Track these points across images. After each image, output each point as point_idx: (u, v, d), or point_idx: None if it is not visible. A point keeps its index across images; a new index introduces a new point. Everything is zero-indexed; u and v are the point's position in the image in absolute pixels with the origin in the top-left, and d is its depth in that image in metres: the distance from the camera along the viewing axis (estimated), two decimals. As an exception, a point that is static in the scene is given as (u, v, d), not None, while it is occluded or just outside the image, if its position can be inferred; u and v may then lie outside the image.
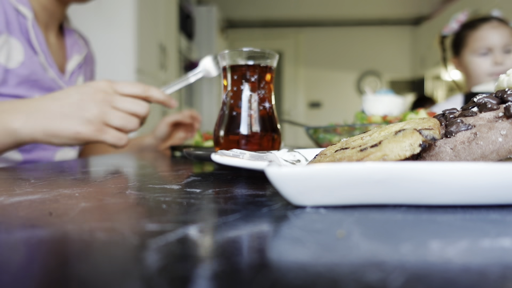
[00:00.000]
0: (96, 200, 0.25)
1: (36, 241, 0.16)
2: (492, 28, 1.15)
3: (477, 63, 1.18)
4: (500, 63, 1.13)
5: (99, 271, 0.13)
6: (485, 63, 1.16)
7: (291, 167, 0.20)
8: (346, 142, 0.30)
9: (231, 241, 0.16)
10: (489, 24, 1.16)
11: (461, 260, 0.13)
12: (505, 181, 0.19)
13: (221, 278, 0.12)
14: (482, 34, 1.16)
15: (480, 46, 1.16)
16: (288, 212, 0.21)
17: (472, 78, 1.20)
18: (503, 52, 1.14)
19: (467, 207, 0.21)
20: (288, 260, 0.14)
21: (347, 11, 4.48)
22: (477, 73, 1.18)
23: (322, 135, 0.68)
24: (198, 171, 0.44)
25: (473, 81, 1.20)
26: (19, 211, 0.22)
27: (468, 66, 1.20)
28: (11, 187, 0.30)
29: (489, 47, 1.15)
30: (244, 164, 0.28)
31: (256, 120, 0.47)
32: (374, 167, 0.19)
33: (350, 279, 0.12)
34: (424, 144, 0.23)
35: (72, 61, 0.83)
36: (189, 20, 3.08)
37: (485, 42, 1.15)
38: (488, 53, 1.16)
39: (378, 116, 0.70)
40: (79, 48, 0.87)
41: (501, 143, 0.23)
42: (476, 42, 1.17)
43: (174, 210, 0.22)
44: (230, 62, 0.48)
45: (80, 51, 0.87)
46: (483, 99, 0.27)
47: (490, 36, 1.15)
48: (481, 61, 1.17)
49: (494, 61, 1.15)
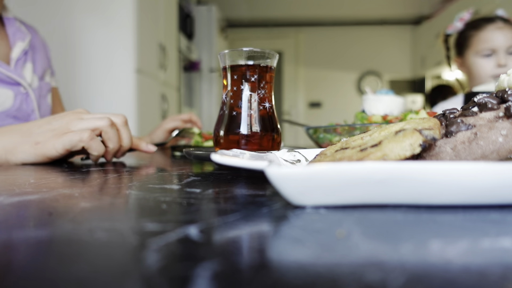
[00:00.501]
0: (96, 200, 0.25)
1: (36, 241, 0.16)
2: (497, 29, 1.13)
3: (480, 64, 1.17)
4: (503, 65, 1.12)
5: (99, 271, 0.13)
6: (489, 64, 1.15)
7: (291, 167, 0.20)
8: (346, 142, 0.30)
9: (231, 241, 0.16)
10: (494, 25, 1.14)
11: (461, 260, 0.13)
12: (506, 181, 0.19)
13: (221, 278, 0.12)
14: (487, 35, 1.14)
15: (484, 47, 1.14)
16: (288, 212, 0.21)
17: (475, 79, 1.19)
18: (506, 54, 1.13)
19: (467, 207, 0.21)
20: (288, 260, 0.14)
21: (347, 11, 4.48)
22: (480, 75, 1.17)
23: (322, 135, 0.68)
24: (198, 171, 0.44)
25: (476, 82, 1.19)
26: (19, 211, 0.22)
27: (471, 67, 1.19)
28: (11, 187, 0.30)
29: (493, 49, 1.14)
30: (244, 164, 0.28)
31: (256, 120, 0.47)
32: (374, 167, 0.19)
33: (350, 279, 0.12)
34: (424, 144, 0.23)
35: (16, 48, 0.84)
36: (189, 20, 3.08)
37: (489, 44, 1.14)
38: (492, 54, 1.14)
39: (378, 116, 0.70)
40: (21, 35, 0.88)
41: (502, 143, 0.23)
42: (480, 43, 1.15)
43: (174, 210, 0.22)
44: (230, 62, 0.48)
45: (23, 38, 0.88)
46: (483, 99, 0.27)
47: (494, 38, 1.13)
48: (485, 63, 1.16)
49: (498, 63, 1.14)
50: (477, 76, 1.18)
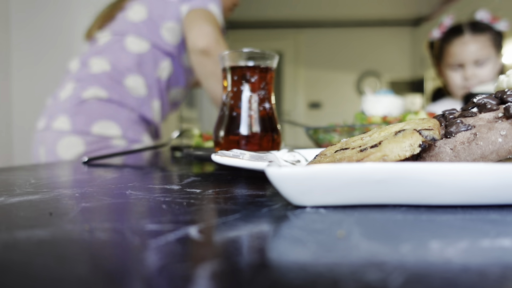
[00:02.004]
0: (96, 200, 0.25)
1: (36, 241, 0.16)
2: (462, 44, 1.17)
3: (450, 77, 1.23)
4: (469, 78, 1.17)
5: (99, 271, 0.13)
6: (457, 77, 1.21)
7: (291, 168, 0.20)
8: (346, 143, 0.30)
9: (231, 241, 0.16)
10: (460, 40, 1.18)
11: (461, 260, 0.13)
12: (505, 181, 0.19)
13: (221, 278, 0.12)
14: (454, 50, 1.19)
15: (452, 61, 1.20)
16: (288, 212, 0.21)
17: (450, 88, 1.25)
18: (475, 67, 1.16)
19: (467, 207, 0.21)
20: (288, 260, 0.14)
21: (347, 11, 4.48)
22: (452, 85, 1.23)
23: (322, 136, 0.68)
24: (198, 171, 0.44)
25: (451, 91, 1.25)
26: (19, 211, 0.22)
27: (446, 77, 1.26)
28: (11, 187, 0.30)
29: (459, 63, 1.18)
30: (244, 164, 0.28)
31: (256, 121, 0.47)
32: (374, 167, 0.19)
33: (350, 279, 0.12)
34: (424, 144, 0.23)
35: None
36: (189, 21, 3.07)
37: (455, 59, 1.19)
38: (458, 69, 1.20)
39: (378, 116, 0.70)
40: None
41: (501, 144, 0.23)
42: (449, 57, 1.21)
43: (174, 210, 0.22)
44: (230, 63, 0.48)
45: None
46: (482, 100, 0.27)
47: (459, 53, 1.18)
48: (454, 75, 1.22)
49: (464, 77, 1.19)
50: (451, 86, 1.25)
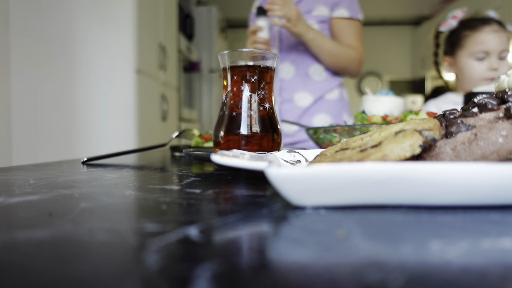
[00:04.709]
0: (96, 200, 0.25)
1: (36, 241, 0.16)
2: (493, 31, 1.11)
3: (472, 66, 1.15)
4: (495, 69, 1.11)
5: (99, 271, 0.13)
6: (481, 67, 1.13)
7: (291, 168, 0.20)
8: (346, 143, 0.30)
9: (231, 241, 0.16)
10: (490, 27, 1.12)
11: (461, 260, 0.13)
12: (506, 181, 0.19)
13: (221, 278, 0.12)
14: (482, 37, 1.12)
15: (478, 49, 1.12)
16: (288, 213, 0.21)
17: (465, 80, 1.17)
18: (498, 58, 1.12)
19: (468, 208, 0.21)
20: (288, 261, 0.14)
21: (347, 11, 4.47)
22: (472, 77, 1.15)
23: (323, 136, 0.68)
24: (198, 171, 0.44)
25: (466, 83, 1.17)
26: (19, 211, 0.22)
27: (463, 68, 1.17)
28: (11, 187, 0.30)
29: (487, 51, 1.11)
30: (244, 164, 0.28)
31: (256, 121, 0.47)
32: (374, 167, 0.19)
33: (350, 279, 0.12)
34: (424, 144, 0.23)
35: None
36: (189, 20, 3.07)
37: (484, 46, 1.12)
38: (485, 57, 1.13)
39: (378, 116, 0.70)
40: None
41: (502, 144, 0.23)
42: (474, 45, 1.13)
43: (174, 210, 0.22)
44: (230, 62, 0.48)
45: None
46: (483, 100, 0.27)
47: (489, 40, 1.11)
48: (477, 65, 1.14)
49: (490, 67, 1.12)
50: (468, 78, 1.15)
